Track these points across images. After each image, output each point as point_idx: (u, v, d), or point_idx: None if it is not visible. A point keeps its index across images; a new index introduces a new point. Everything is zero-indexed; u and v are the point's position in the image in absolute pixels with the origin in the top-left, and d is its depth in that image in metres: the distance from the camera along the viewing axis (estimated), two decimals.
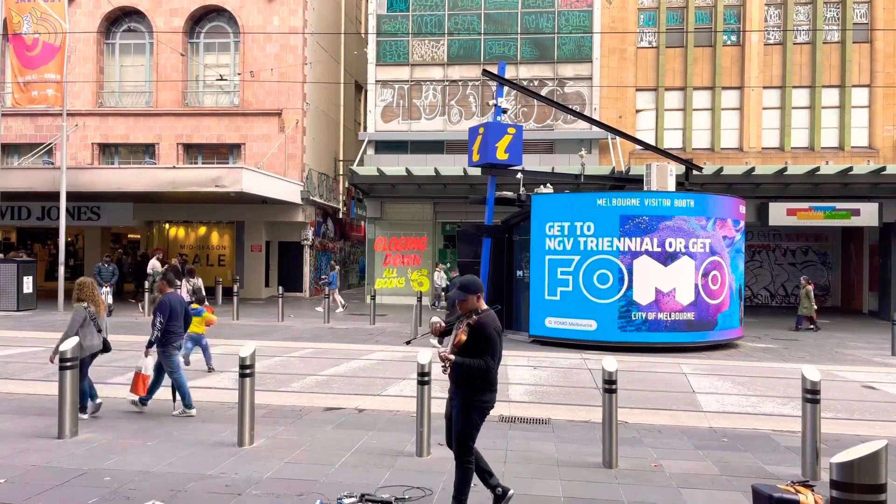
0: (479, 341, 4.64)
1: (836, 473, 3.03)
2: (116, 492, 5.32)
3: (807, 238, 26.09)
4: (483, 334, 4.65)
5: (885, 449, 3.06)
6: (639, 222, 14.01)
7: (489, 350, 4.64)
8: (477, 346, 4.64)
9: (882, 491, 3.02)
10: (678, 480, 5.93)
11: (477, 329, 4.66)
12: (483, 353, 4.63)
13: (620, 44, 24.20)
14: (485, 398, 4.75)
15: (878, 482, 3.02)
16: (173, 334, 8.06)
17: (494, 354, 4.68)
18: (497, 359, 4.73)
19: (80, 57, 26.08)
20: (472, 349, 4.64)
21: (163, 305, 8.00)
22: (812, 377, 6.03)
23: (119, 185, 20.81)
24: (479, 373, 4.63)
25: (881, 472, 3.02)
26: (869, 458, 3.01)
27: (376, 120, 25.10)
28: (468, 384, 4.71)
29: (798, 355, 13.68)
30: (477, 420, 4.76)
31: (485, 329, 4.65)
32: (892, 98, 23.19)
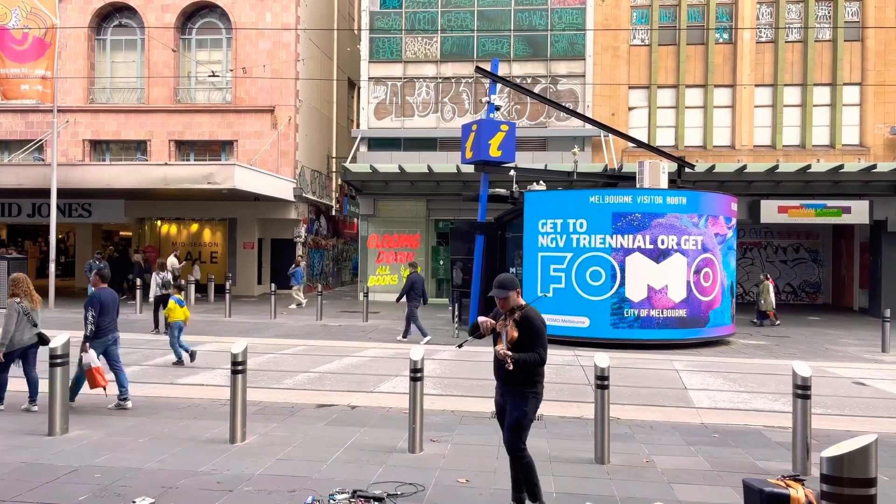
0: (530, 335, 4.71)
1: (827, 467, 3.04)
2: (107, 488, 5.30)
3: (798, 235, 26.21)
4: (533, 328, 4.73)
5: (875, 443, 3.07)
6: (631, 219, 14.04)
7: (541, 342, 4.73)
8: (527, 340, 4.71)
9: (872, 485, 3.03)
10: (670, 476, 5.95)
11: (525, 324, 4.73)
12: (535, 346, 4.70)
13: (613, 41, 24.22)
14: (538, 389, 4.84)
15: (867, 476, 3.03)
16: (104, 329, 8.08)
17: (545, 346, 4.77)
18: (546, 349, 4.81)
19: (71, 53, 25.91)
20: (521, 344, 4.71)
21: (93, 300, 8.04)
22: (803, 373, 6.06)
23: (110, 181, 20.69)
24: (535, 366, 4.72)
25: (871, 466, 3.03)
26: (859, 453, 3.03)
27: (369, 117, 25.05)
28: (521, 379, 4.76)
29: (789, 352, 13.74)
30: (532, 412, 4.82)
31: (533, 322, 4.74)
32: (882, 96, 23.30)
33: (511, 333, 4.71)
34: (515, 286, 4.83)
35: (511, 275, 4.97)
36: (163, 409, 8.08)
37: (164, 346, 13.03)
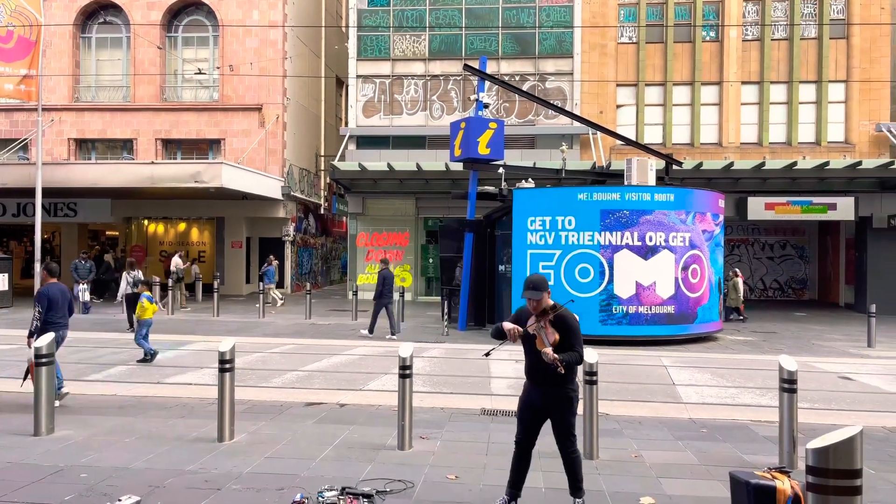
0: (569, 335, 4.74)
1: (812, 459, 3.06)
2: (93, 488, 5.26)
3: (785, 232, 26.40)
4: (571, 327, 4.76)
5: (861, 435, 3.09)
6: (619, 216, 14.09)
7: (579, 341, 4.78)
8: (566, 339, 4.73)
9: (857, 476, 3.05)
10: (658, 470, 5.97)
11: (561, 324, 4.74)
12: (574, 344, 4.74)
13: (601, 39, 24.28)
14: (575, 386, 4.89)
15: (853, 467, 3.05)
16: (52, 324, 8.01)
17: (581, 344, 4.83)
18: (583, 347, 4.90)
19: (56, 51, 25.69)
20: (560, 344, 4.72)
21: (41, 296, 7.99)
22: (789, 367, 6.10)
23: (96, 180, 20.53)
24: (577, 365, 4.77)
25: (856, 457, 3.05)
26: (844, 444, 3.04)
27: (357, 115, 24.99)
28: (565, 378, 4.76)
29: (776, 347, 13.84)
30: (576, 409, 4.88)
31: (570, 322, 4.76)
32: (868, 93, 23.49)
33: (553, 336, 4.69)
34: (547, 287, 4.80)
35: (542, 275, 4.98)
36: (150, 408, 8.03)
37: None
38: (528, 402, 4.97)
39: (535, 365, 4.80)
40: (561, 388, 4.79)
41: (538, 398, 4.89)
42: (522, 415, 4.99)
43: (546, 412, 4.88)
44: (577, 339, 4.76)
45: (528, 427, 4.95)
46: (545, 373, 4.72)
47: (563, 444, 4.87)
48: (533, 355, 4.81)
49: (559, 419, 4.84)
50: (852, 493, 3.03)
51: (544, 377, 4.78)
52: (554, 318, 4.73)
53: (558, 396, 4.81)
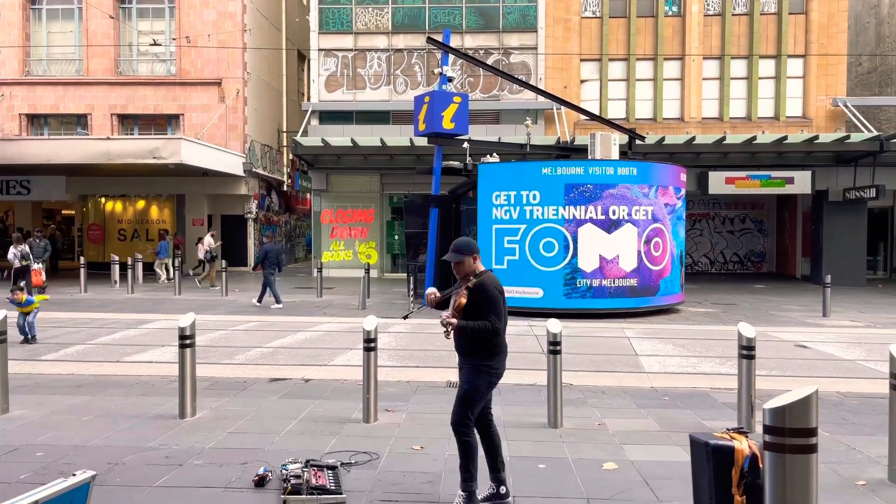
0: (481, 302, 4.39)
1: (769, 419, 3.10)
2: (49, 466, 5.14)
3: (744, 206, 26.89)
4: (485, 295, 4.40)
5: (816, 394, 3.14)
6: (583, 191, 14.16)
7: (493, 310, 4.39)
8: (480, 307, 4.39)
9: (813, 434, 3.10)
10: (621, 437, 6.06)
11: (477, 290, 4.41)
12: (487, 313, 4.37)
13: (565, 13, 24.22)
14: (493, 363, 4.47)
15: (809, 426, 3.10)
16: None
17: (499, 314, 4.42)
18: (500, 318, 4.44)
19: (5, 23, 24.73)
20: (474, 312, 4.39)
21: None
22: (747, 334, 6.21)
23: (49, 156, 19.91)
24: (486, 335, 4.38)
25: (812, 416, 3.10)
26: (800, 403, 3.09)
27: (320, 90, 24.61)
28: (475, 350, 4.45)
29: (735, 318, 14.13)
30: (483, 387, 4.46)
31: (486, 289, 4.40)
32: (825, 68, 23.90)
33: (459, 300, 4.42)
34: (472, 250, 4.50)
35: (470, 239, 4.67)
36: (109, 386, 7.87)
37: (108, 324, 12.71)
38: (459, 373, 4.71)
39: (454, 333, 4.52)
40: (471, 358, 4.48)
41: (460, 364, 4.64)
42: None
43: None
44: (492, 307, 4.38)
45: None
46: (457, 340, 4.52)
47: (455, 420, 4.46)
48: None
49: (459, 390, 4.52)
50: (808, 451, 3.08)
51: (457, 345, 4.56)
52: (473, 284, 4.44)
53: (467, 366, 4.51)
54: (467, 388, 4.46)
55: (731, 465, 3.64)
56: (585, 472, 5.15)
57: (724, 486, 3.65)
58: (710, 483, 3.68)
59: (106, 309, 15.11)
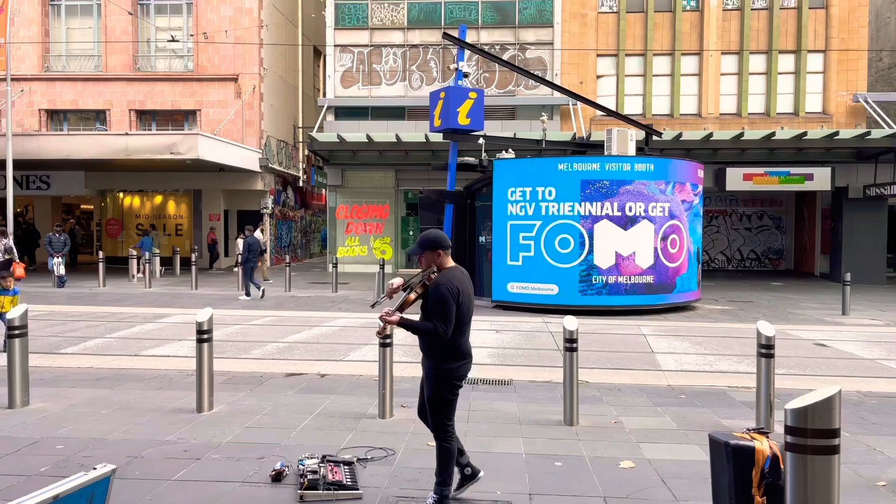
0: (431, 303, 4.16)
1: (791, 419, 3.07)
2: (69, 459, 5.19)
3: (762, 203, 26.62)
4: (434, 295, 4.14)
5: (839, 395, 3.11)
6: (599, 187, 14.08)
7: (439, 313, 4.11)
8: (430, 307, 4.18)
9: (836, 436, 3.07)
10: (637, 435, 6.03)
11: (430, 289, 4.20)
12: (433, 314, 4.13)
13: (581, 8, 24.07)
14: (450, 367, 4.26)
15: (831, 427, 3.07)
16: None
17: (445, 317, 4.11)
18: (449, 322, 4.12)
19: (24, 19, 24.95)
20: (427, 311, 4.23)
21: None
22: (767, 332, 6.15)
23: (69, 152, 20.10)
24: (431, 337, 4.17)
25: (835, 417, 3.07)
26: (823, 404, 3.06)
27: (336, 85, 24.64)
28: (430, 352, 4.29)
29: (753, 316, 14.01)
30: (447, 393, 4.29)
31: (437, 289, 4.13)
32: (845, 64, 23.58)
33: (408, 296, 4.22)
34: (436, 245, 4.24)
35: (439, 232, 4.36)
36: (127, 380, 7.94)
37: (126, 318, 12.83)
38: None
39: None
40: (427, 359, 4.34)
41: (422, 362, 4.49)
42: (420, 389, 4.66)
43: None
44: (438, 309, 4.11)
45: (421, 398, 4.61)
46: (420, 340, 4.37)
47: (431, 426, 4.37)
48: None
49: (428, 398, 4.37)
50: (830, 452, 3.05)
51: (420, 344, 4.40)
52: (430, 279, 4.26)
53: (425, 369, 4.38)
54: (430, 396, 4.34)
55: (752, 465, 3.60)
56: (602, 471, 5.13)
57: (744, 486, 3.62)
58: (730, 483, 3.65)
59: (124, 303, 15.25)
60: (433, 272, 4.32)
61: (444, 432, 4.32)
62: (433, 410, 4.34)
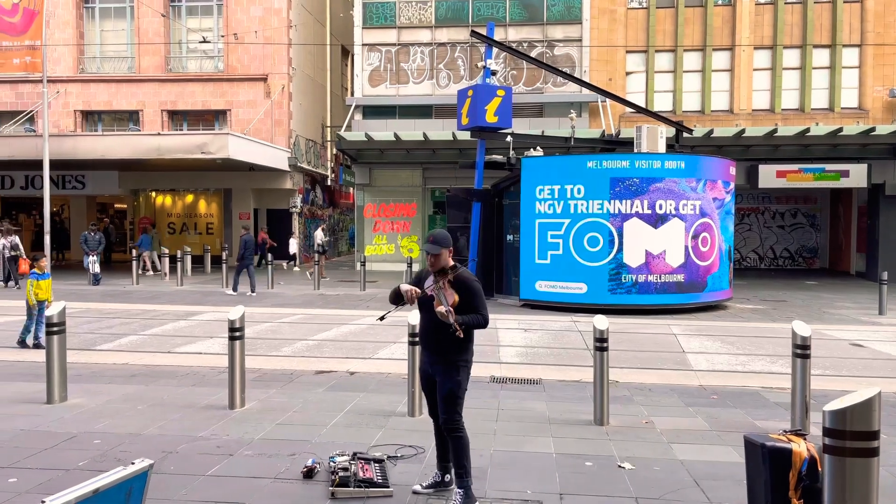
0: (470, 296, 4.38)
1: (829, 421, 3.02)
2: (107, 454, 5.30)
3: (796, 200, 26.14)
4: (472, 288, 4.41)
5: (878, 396, 3.05)
6: (629, 184, 13.95)
7: (482, 303, 4.42)
8: (467, 301, 4.35)
9: (875, 438, 3.01)
10: (669, 436, 5.97)
11: (462, 285, 4.39)
12: (478, 307, 4.38)
13: (610, 4, 23.86)
14: (468, 357, 4.50)
15: (871, 429, 3.01)
16: None
17: (485, 306, 4.45)
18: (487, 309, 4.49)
19: (60, 22, 25.47)
20: (461, 306, 4.35)
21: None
22: (802, 333, 6.04)
23: (103, 152, 20.49)
24: (479, 327, 4.41)
25: (874, 418, 3.01)
26: (862, 406, 3.00)
27: (363, 84, 24.75)
28: (455, 347, 4.39)
29: (786, 315, 13.77)
30: (465, 382, 4.48)
31: (470, 283, 4.42)
32: (882, 58, 23.06)
33: (452, 297, 4.31)
34: (449, 244, 4.43)
35: (446, 231, 4.55)
36: (161, 376, 8.07)
37: (159, 315, 13.04)
38: (423, 371, 4.67)
39: (429, 328, 4.48)
40: (448, 355, 4.42)
41: (429, 365, 4.56)
42: (423, 386, 4.70)
43: (434, 380, 4.54)
44: (480, 301, 4.40)
45: (430, 398, 4.65)
46: (439, 337, 4.40)
47: (444, 419, 4.43)
48: (427, 318, 4.50)
49: (442, 389, 4.44)
50: (870, 455, 2.99)
51: (437, 342, 4.44)
52: (454, 278, 4.39)
53: (443, 364, 4.44)
54: (452, 387, 4.43)
55: (789, 467, 3.55)
56: (633, 471, 5.08)
57: (780, 489, 3.56)
58: (766, 486, 3.60)
59: (157, 300, 15.50)
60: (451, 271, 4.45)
61: (458, 424, 4.44)
62: (451, 405, 4.43)
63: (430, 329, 4.50)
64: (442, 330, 4.33)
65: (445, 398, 4.44)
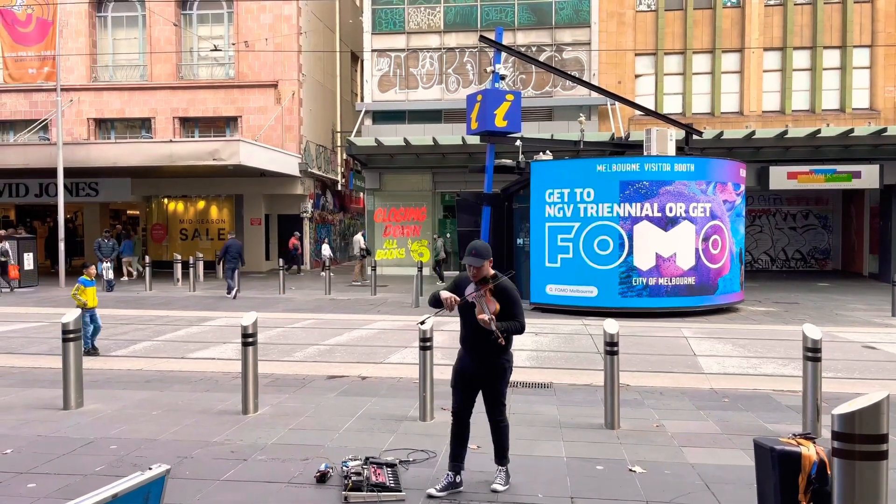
0: (510, 304, 4.69)
1: (838, 424, 3.04)
2: (123, 459, 5.37)
3: (807, 202, 26.02)
4: (512, 297, 4.71)
5: (887, 399, 3.06)
6: (639, 187, 13.95)
7: (521, 310, 4.73)
8: (507, 309, 4.67)
9: (884, 441, 3.03)
10: (680, 439, 5.98)
11: (503, 293, 4.69)
12: (516, 314, 4.69)
13: (619, 7, 23.87)
14: (509, 357, 4.83)
15: (879, 432, 3.02)
16: None
17: (523, 313, 4.76)
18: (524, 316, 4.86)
19: (73, 31, 25.76)
20: (502, 313, 4.65)
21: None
22: (813, 336, 6.04)
23: (116, 159, 20.70)
24: (517, 333, 4.73)
25: (883, 422, 3.02)
26: (871, 409, 3.02)
27: (373, 90, 24.87)
28: (499, 349, 4.69)
29: (798, 318, 13.72)
30: (508, 379, 4.86)
31: (511, 292, 4.71)
32: (893, 58, 22.93)
33: (493, 306, 4.60)
34: (489, 255, 4.71)
35: (486, 243, 4.84)
36: (175, 382, 8.16)
37: (172, 321, 13.15)
38: (462, 372, 4.87)
39: (471, 335, 4.74)
40: (497, 358, 4.73)
41: (473, 368, 4.80)
42: (457, 385, 4.90)
43: (479, 382, 4.82)
44: (518, 309, 4.72)
45: (465, 398, 4.86)
46: (481, 343, 4.66)
47: (493, 412, 4.83)
48: (469, 325, 4.75)
49: (491, 389, 4.80)
50: (878, 458, 3.00)
51: (480, 347, 4.71)
52: (495, 287, 4.65)
53: (493, 366, 4.74)
54: (502, 390, 4.85)
55: (798, 471, 3.56)
56: (644, 475, 5.10)
57: (790, 492, 3.58)
58: (776, 489, 3.61)
59: (170, 306, 15.63)
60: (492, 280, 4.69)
61: (505, 415, 4.88)
62: (500, 399, 4.84)
63: (471, 335, 4.78)
64: (483, 336, 4.61)
65: (496, 398, 4.83)
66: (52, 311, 14.26)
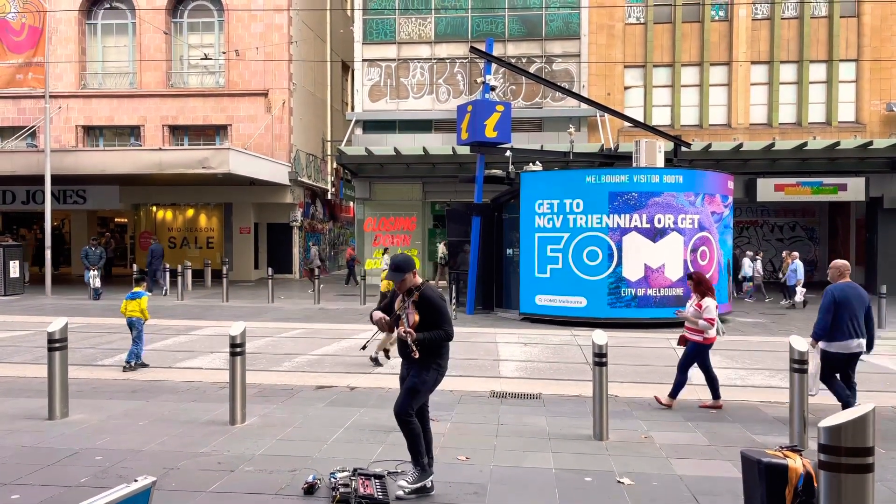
0: (431, 313, 4.75)
1: (824, 437, 3.06)
2: (108, 470, 5.32)
3: (794, 214, 26.24)
4: (434, 306, 4.76)
5: (873, 413, 3.08)
6: (628, 199, 14.02)
7: (444, 318, 4.78)
8: (431, 318, 4.75)
9: (869, 454, 3.05)
10: (668, 451, 5.99)
11: (425, 303, 4.76)
12: (440, 323, 4.76)
13: (608, 20, 24.07)
14: (442, 363, 4.89)
15: (865, 445, 3.04)
16: None
17: (449, 321, 4.82)
18: (451, 323, 4.87)
19: (62, 38, 25.67)
20: (426, 323, 4.74)
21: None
22: (799, 347, 6.09)
23: (104, 167, 20.60)
24: (442, 342, 4.79)
25: (868, 435, 3.04)
26: (856, 422, 3.04)
27: (364, 99, 24.92)
28: (430, 352, 4.78)
29: (786, 329, 13.80)
30: (430, 382, 4.85)
31: (432, 301, 4.77)
32: (878, 72, 23.23)
33: (413, 318, 4.73)
34: (411, 267, 4.78)
35: (406, 255, 4.93)
36: (162, 392, 8.09)
37: (160, 330, 13.06)
38: (401, 377, 5.08)
39: (401, 345, 4.89)
40: (428, 357, 4.80)
41: (404, 369, 5.01)
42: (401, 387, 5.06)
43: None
44: (442, 317, 4.76)
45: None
46: (406, 348, 4.79)
47: (400, 409, 4.79)
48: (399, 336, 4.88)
49: (409, 382, 4.84)
50: (864, 471, 3.02)
51: (408, 356, 4.83)
52: (418, 298, 4.75)
53: (417, 364, 4.80)
54: (418, 382, 4.82)
55: (785, 483, 3.58)
56: (632, 487, 5.10)
57: None
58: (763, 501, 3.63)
59: (157, 315, 15.50)
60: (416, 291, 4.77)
61: (410, 416, 4.82)
62: (410, 397, 4.81)
63: (401, 345, 4.93)
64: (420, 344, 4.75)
65: (408, 390, 4.81)
66: (37, 320, 14.12)
